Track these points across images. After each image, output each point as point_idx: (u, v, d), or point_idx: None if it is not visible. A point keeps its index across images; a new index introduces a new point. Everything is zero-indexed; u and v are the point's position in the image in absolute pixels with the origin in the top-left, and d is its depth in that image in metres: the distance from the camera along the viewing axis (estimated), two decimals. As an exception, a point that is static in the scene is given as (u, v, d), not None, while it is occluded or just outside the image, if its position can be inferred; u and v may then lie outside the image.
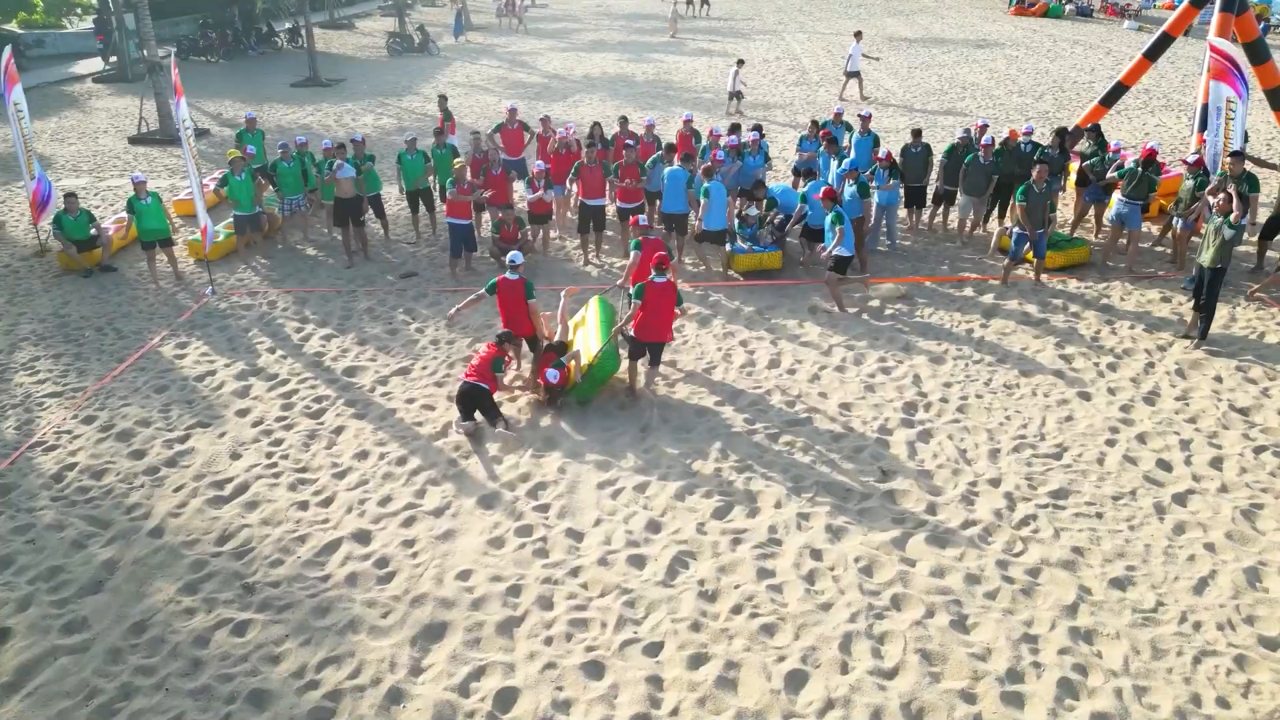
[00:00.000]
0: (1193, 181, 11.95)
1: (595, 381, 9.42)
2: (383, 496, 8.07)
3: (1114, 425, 8.92)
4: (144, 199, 12.51)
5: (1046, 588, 6.79)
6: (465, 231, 12.66)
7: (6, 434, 9.20)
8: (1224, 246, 9.98)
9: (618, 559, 7.21)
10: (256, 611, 6.73)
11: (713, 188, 12.28)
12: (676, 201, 12.65)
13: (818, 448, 8.65)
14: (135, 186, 12.50)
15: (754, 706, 5.83)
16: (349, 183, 12.86)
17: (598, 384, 9.45)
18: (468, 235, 12.73)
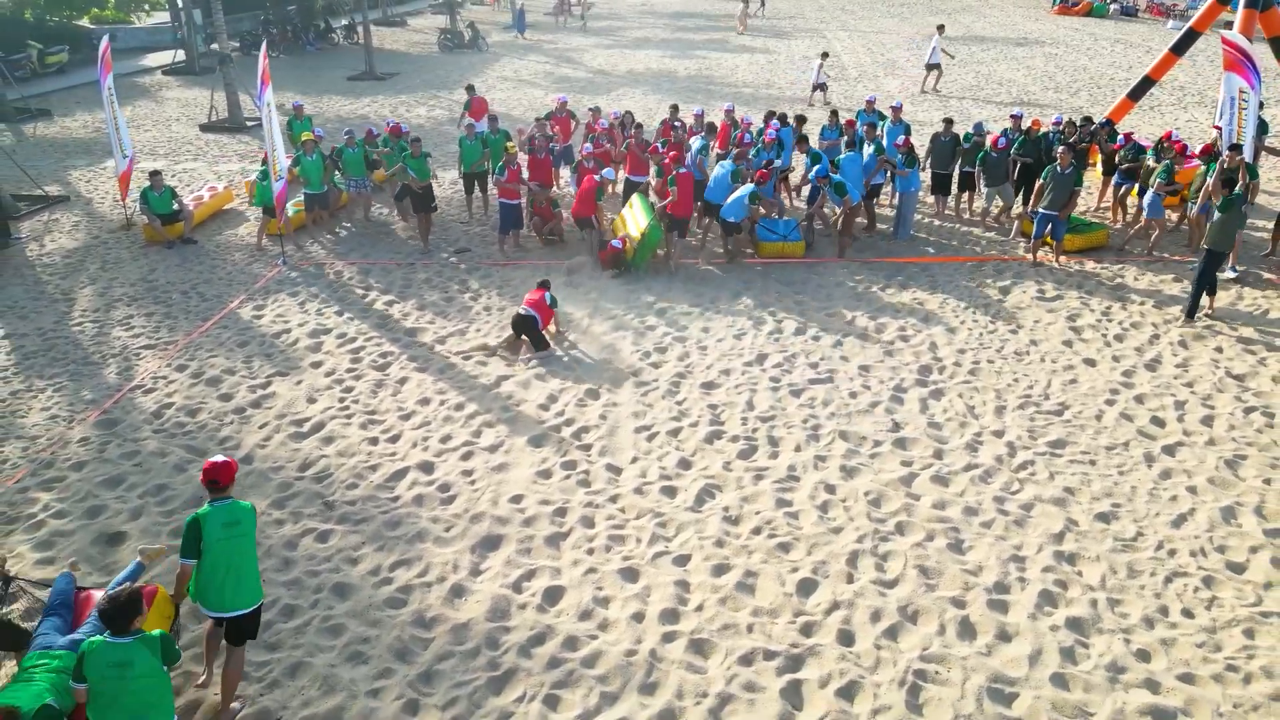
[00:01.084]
0: (1204, 168, 12.53)
1: (648, 247, 12.62)
2: (443, 435, 9.03)
3: (1114, 388, 9.61)
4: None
5: (1037, 519, 7.55)
6: (514, 211, 13.64)
7: (109, 378, 10.32)
8: (1214, 227, 10.61)
9: (652, 489, 8.09)
10: (337, 524, 7.71)
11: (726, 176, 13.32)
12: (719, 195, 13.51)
13: (837, 402, 9.45)
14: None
15: (769, 606, 6.67)
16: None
17: (650, 249, 12.65)
18: (516, 215, 13.70)
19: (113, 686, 4.72)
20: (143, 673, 4.74)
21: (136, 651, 4.74)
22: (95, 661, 4.71)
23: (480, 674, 6.12)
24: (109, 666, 4.71)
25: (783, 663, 6.14)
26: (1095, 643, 6.25)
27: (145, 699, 4.79)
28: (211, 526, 5.55)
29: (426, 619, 6.62)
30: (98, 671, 4.71)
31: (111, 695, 4.73)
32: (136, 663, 4.73)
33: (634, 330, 11.21)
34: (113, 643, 4.74)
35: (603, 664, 6.18)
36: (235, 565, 5.59)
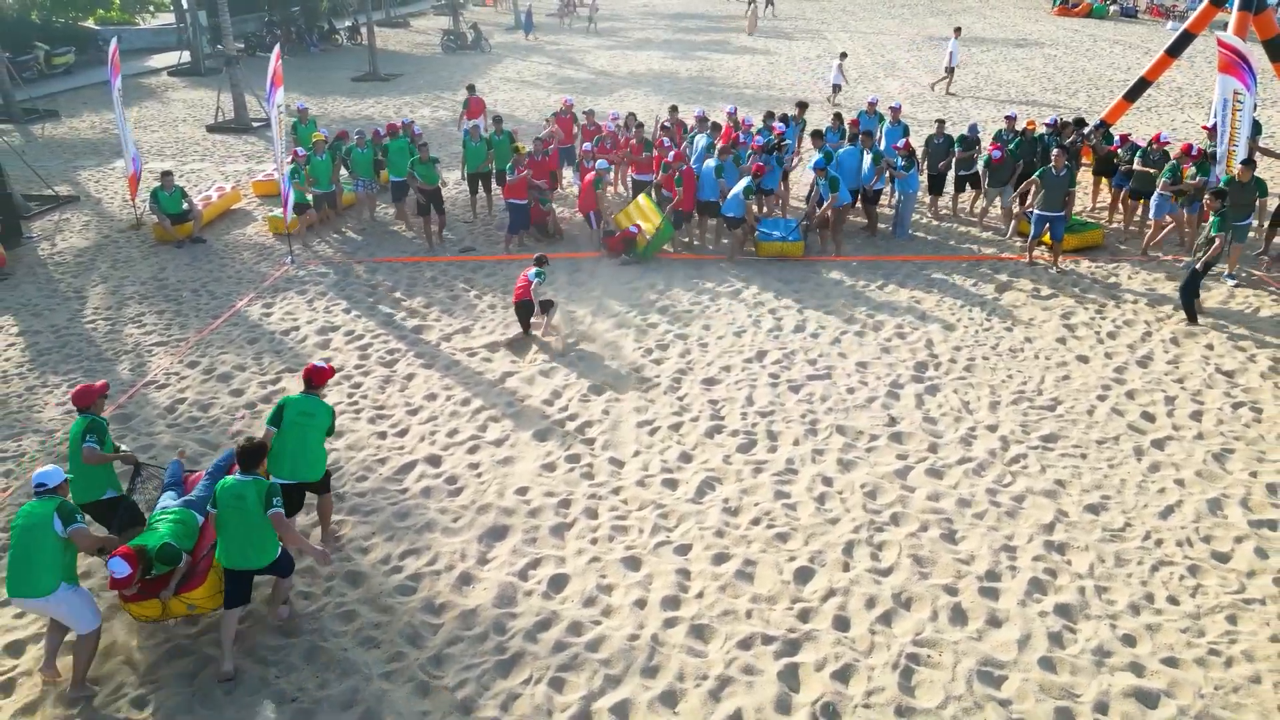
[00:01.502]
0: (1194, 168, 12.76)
1: (659, 241, 13.34)
2: (450, 429, 9.25)
3: (1106, 384, 9.82)
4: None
5: (1029, 511, 7.76)
6: (522, 210, 13.89)
7: (123, 374, 10.54)
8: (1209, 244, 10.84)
9: (654, 482, 8.31)
10: (346, 514, 7.93)
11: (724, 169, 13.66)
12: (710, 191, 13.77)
13: (834, 397, 9.66)
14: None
15: (767, 593, 6.89)
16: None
17: (660, 244, 13.37)
18: (524, 214, 13.95)
19: (232, 515, 6.11)
20: (251, 507, 6.05)
21: (250, 488, 6.09)
22: (224, 494, 6.13)
23: (488, 658, 6.34)
24: (232, 498, 6.09)
25: (780, 647, 6.36)
26: (1082, 628, 6.47)
27: (251, 527, 6.09)
28: (292, 410, 7.04)
29: (436, 605, 6.84)
30: (224, 501, 6.11)
31: (231, 521, 6.12)
32: (248, 497, 6.06)
33: (636, 328, 11.42)
34: (239, 479, 6.14)
35: (606, 648, 6.39)
36: (304, 445, 7.00)
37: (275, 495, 6.14)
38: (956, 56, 25.55)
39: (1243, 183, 11.74)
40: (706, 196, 13.73)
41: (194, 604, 6.24)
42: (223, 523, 6.15)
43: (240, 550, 6.15)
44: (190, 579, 6.28)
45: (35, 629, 6.68)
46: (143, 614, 6.25)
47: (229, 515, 6.11)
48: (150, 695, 6.09)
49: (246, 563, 6.19)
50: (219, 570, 6.33)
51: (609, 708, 5.93)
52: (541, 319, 11.16)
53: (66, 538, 5.90)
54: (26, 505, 6.03)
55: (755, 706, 5.90)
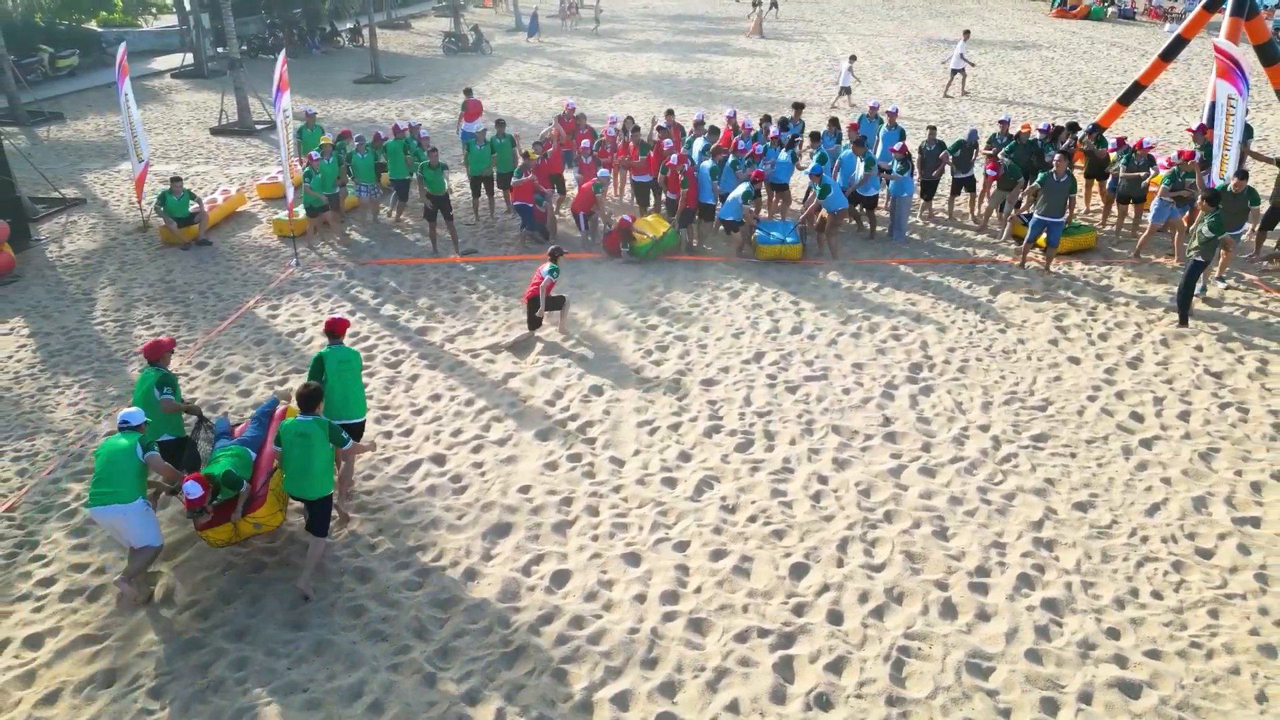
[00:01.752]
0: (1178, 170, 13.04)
1: (661, 246, 13.71)
2: (454, 429, 9.46)
3: (1097, 384, 10.03)
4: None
5: (1018, 508, 7.97)
6: (526, 211, 14.22)
7: (132, 375, 10.73)
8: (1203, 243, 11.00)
9: (653, 480, 8.51)
10: (355, 512, 8.13)
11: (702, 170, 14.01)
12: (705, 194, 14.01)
13: (830, 398, 9.87)
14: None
15: (763, 588, 7.09)
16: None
17: (661, 249, 13.73)
18: (529, 214, 14.26)
19: (296, 450, 7.00)
20: (316, 443, 6.97)
21: (314, 427, 6.99)
22: (287, 431, 7.03)
23: (493, 650, 6.54)
24: (296, 435, 7.00)
25: (776, 640, 6.56)
26: (1068, 621, 6.67)
27: (315, 460, 6.96)
28: (331, 360, 7.93)
29: (442, 600, 7.04)
30: (288, 437, 7.03)
31: (294, 455, 6.99)
32: (313, 435, 6.97)
33: (636, 330, 11.63)
34: (301, 419, 7.01)
35: (607, 641, 6.60)
36: (347, 388, 7.95)
37: (338, 432, 7.20)
38: (963, 58, 25.77)
39: (1235, 194, 11.91)
40: (703, 199, 13.99)
41: (259, 522, 7.12)
42: (287, 458, 7.07)
43: (298, 480, 7.02)
44: (252, 502, 7.10)
45: (53, 622, 6.89)
46: (218, 538, 7.08)
47: (292, 451, 7.02)
48: (166, 686, 6.29)
49: (303, 493, 7.05)
50: (277, 493, 7.24)
51: (610, 698, 6.13)
52: (547, 315, 11.38)
53: (144, 462, 6.86)
54: (110, 439, 7.00)
55: (751, 697, 6.11)
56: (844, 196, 13.68)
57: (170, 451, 7.72)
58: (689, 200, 13.99)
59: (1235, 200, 11.91)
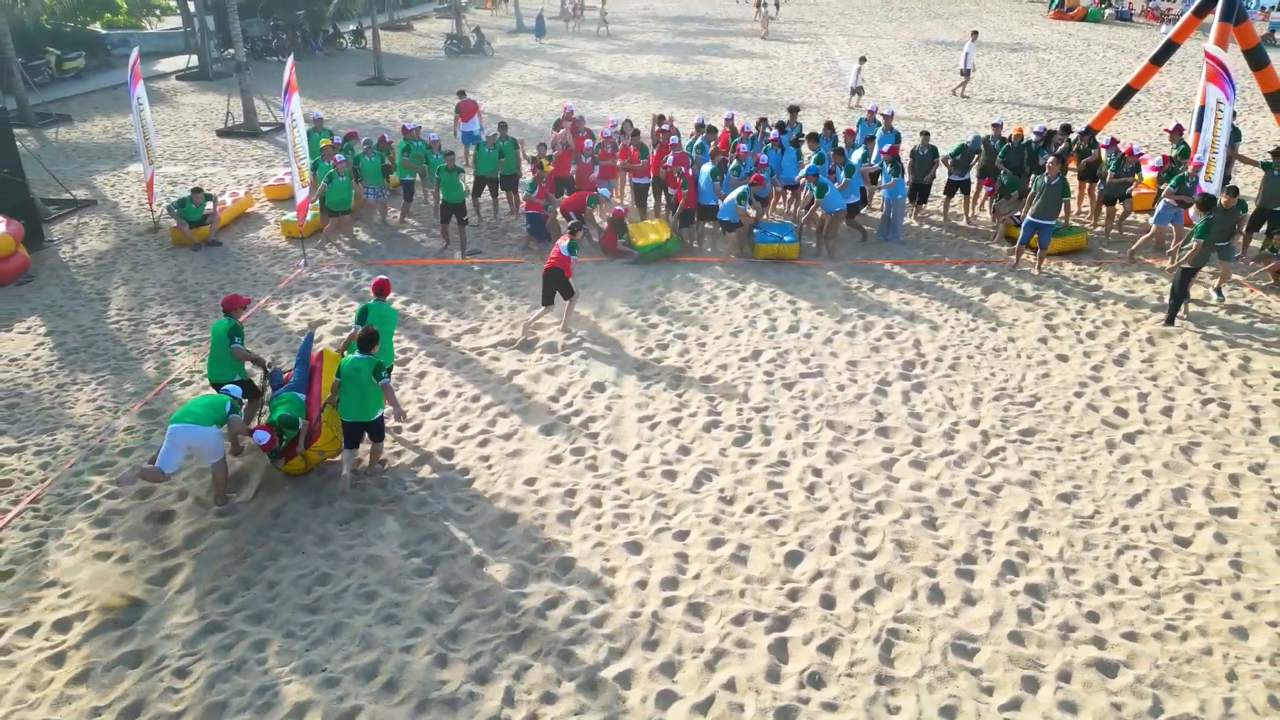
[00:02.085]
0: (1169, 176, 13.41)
1: (662, 250, 14.07)
2: (461, 424, 9.78)
3: (1084, 381, 10.35)
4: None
5: (1005, 500, 8.29)
6: (538, 220, 14.46)
7: (149, 372, 11.07)
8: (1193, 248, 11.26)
9: (654, 473, 8.84)
10: (367, 504, 8.45)
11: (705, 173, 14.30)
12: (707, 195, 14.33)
13: (825, 394, 10.19)
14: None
15: (759, 575, 7.42)
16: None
17: (662, 252, 14.08)
18: (540, 223, 14.50)
19: (352, 383, 8.29)
20: (365, 378, 8.27)
21: (365, 364, 8.28)
22: (347, 368, 8.32)
23: (501, 633, 6.86)
24: (353, 371, 8.27)
25: (771, 623, 6.88)
26: (1050, 605, 7.00)
27: (364, 392, 8.30)
28: (373, 313, 9.33)
29: (452, 586, 7.36)
30: (347, 374, 8.30)
31: (350, 387, 8.30)
32: (364, 371, 8.26)
33: (637, 328, 11.95)
34: (357, 357, 8.32)
35: (610, 624, 6.92)
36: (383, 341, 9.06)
37: (383, 370, 8.61)
38: (971, 59, 26.11)
39: (1227, 209, 11.85)
40: (705, 201, 14.32)
41: (323, 450, 8.64)
42: (344, 389, 8.33)
43: (355, 407, 8.38)
44: (312, 436, 8.54)
45: (81, 607, 7.20)
46: (294, 468, 8.62)
47: (349, 383, 8.30)
48: (191, 666, 6.61)
49: (358, 416, 8.43)
50: (331, 424, 8.60)
51: (613, 677, 6.45)
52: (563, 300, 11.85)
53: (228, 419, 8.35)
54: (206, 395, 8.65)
55: (747, 676, 6.43)
56: (840, 197, 13.98)
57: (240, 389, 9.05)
58: (688, 200, 14.32)
59: (1226, 215, 11.83)
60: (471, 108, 19.20)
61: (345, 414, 8.43)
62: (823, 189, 13.74)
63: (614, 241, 14.16)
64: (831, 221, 14.08)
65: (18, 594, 7.38)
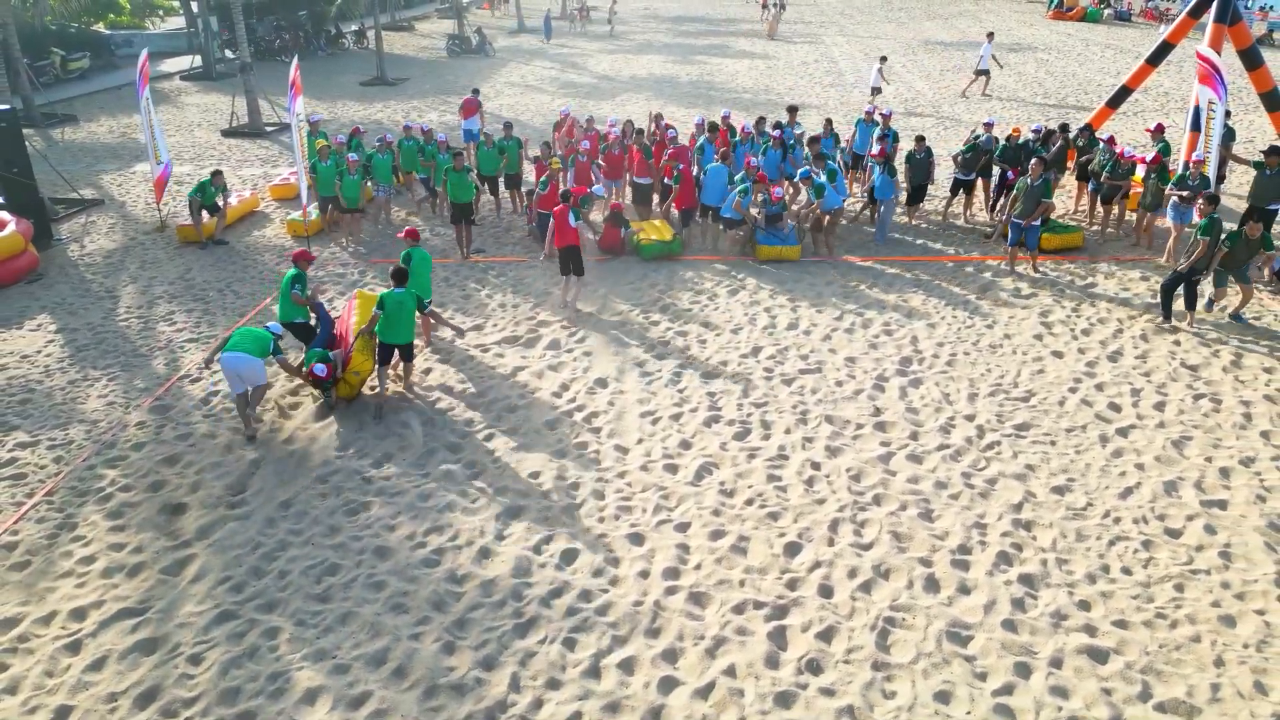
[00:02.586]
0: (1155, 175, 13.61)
1: (665, 249, 14.27)
2: (467, 419, 9.95)
3: (1078, 377, 10.52)
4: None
5: (1000, 492, 8.46)
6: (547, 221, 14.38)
7: (158, 369, 11.25)
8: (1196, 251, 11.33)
9: (655, 467, 9.01)
10: (374, 495, 8.63)
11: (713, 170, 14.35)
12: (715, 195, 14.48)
13: (824, 390, 10.36)
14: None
15: (759, 565, 7.59)
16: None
17: (665, 251, 14.28)
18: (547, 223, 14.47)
19: (395, 312, 9.92)
20: (407, 307, 10.00)
21: (407, 297, 10.02)
22: (388, 298, 9.92)
23: (507, 621, 7.04)
24: (395, 302, 9.90)
25: (770, 611, 7.06)
26: (1043, 595, 7.17)
27: (402, 320, 9.99)
28: (416, 258, 10.97)
29: (458, 576, 7.54)
30: (390, 305, 9.89)
31: (392, 315, 9.92)
32: (406, 302, 9.99)
33: (639, 325, 12.13)
34: (397, 291, 9.98)
35: (613, 612, 7.10)
36: (421, 279, 10.95)
37: (425, 300, 10.64)
38: (986, 60, 26.28)
39: (1250, 239, 11.35)
40: (709, 201, 14.45)
41: (358, 370, 10.17)
42: (387, 316, 9.91)
43: (395, 332, 10.00)
44: (346, 361, 10.19)
45: (96, 596, 7.38)
46: (344, 393, 10.20)
47: (392, 311, 9.90)
48: (205, 653, 6.79)
49: (396, 339, 10.06)
50: (362, 351, 10.23)
51: (616, 664, 6.63)
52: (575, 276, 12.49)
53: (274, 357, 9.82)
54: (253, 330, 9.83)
55: (747, 662, 6.60)
56: (838, 196, 14.13)
57: (299, 331, 10.84)
58: (688, 199, 14.49)
59: (1248, 246, 11.39)
60: (473, 106, 19.45)
61: (385, 337, 10.02)
62: (820, 189, 13.92)
63: (616, 237, 14.30)
64: (831, 220, 14.25)
65: (34, 584, 7.56)
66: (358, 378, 10.17)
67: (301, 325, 10.80)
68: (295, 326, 10.80)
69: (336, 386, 10.12)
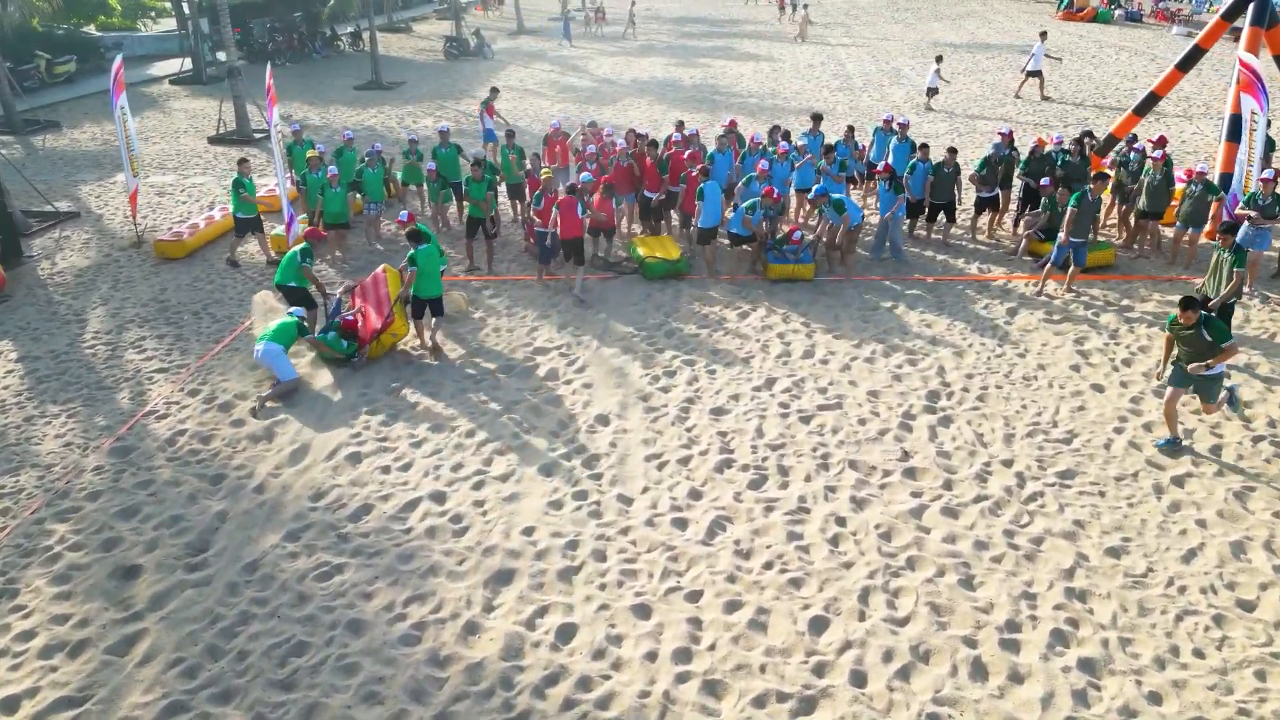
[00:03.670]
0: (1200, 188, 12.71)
1: (671, 268, 13.38)
2: (455, 464, 9.08)
3: (1123, 415, 9.64)
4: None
5: (1048, 554, 7.58)
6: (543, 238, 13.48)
7: (122, 404, 10.38)
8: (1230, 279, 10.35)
9: (663, 521, 8.13)
10: (350, 557, 7.76)
11: (707, 188, 13.26)
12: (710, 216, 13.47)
13: (846, 429, 9.48)
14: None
15: (781, 645, 6.71)
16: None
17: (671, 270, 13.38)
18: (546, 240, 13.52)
19: (428, 265, 10.90)
20: (437, 262, 11.12)
21: (435, 247, 11.15)
22: (419, 254, 10.84)
23: (495, 715, 6.17)
24: (426, 255, 10.84)
25: (796, 705, 6.18)
26: (1107, 684, 6.29)
27: (434, 274, 11.03)
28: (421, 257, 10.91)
29: (441, 658, 6.67)
30: (423, 257, 10.85)
31: (426, 269, 10.89)
32: (435, 255, 11.07)
33: (643, 353, 11.26)
34: (425, 247, 10.88)
35: (617, 705, 6.22)
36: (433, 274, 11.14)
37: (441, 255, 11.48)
38: (1039, 60, 25.39)
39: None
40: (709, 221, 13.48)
41: (395, 333, 11.10)
42: (422, 270, 10.86)
43: (429, 286, 11.02)
44: (388, 322, 10.95)
45: (31, 682, 6.51)
46: (375, 351, 11.04)
47: (425, 264, 10.86)
48: None
49: (430, 292, 11.07)
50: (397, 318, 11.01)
51: (620, 770, 5.76)
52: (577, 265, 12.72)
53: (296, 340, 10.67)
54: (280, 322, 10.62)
55: (771, 769, 5.74)
56: (859, 208, 13.13)
57: (294, 295, 11.39)
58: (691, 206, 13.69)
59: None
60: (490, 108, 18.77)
61: (421, 292, 10.98)
62: (839, 205, 13.04)
63: (609, 208, 13.40)
64: (850, 236, 13.37)
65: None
66: (393, 339, 11.05)
67: (296, 289, 11.31)
68: (290, 290, 11.31)
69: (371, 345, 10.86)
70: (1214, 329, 8.52)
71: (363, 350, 10.89)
